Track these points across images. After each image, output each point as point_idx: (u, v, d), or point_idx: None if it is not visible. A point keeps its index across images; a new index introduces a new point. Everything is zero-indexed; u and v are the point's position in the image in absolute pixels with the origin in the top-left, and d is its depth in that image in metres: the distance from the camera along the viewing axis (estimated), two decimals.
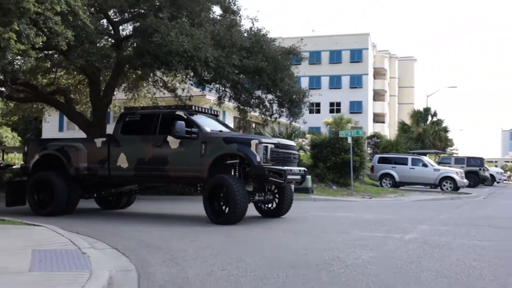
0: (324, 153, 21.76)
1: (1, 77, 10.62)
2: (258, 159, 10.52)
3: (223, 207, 10.25)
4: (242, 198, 10.05)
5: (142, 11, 16.38)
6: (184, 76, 17.62)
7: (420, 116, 44.38)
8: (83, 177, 12.15)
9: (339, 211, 13.39)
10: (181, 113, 11.58)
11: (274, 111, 18.95)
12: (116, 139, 11.96)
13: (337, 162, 21.48)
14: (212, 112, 13.15)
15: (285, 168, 10.72)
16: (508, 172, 74.36)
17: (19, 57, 8.89)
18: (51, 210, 11.44)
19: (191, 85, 21.41)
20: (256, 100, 19.49)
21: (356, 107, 56.25)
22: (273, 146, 10.97)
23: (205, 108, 13.42)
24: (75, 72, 19.57)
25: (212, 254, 6.42)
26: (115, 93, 19.38)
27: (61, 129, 30.44)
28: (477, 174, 32.26)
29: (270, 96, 18.98)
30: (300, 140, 27.82)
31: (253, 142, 10.64)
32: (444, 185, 24.56)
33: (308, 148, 24.14)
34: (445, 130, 43.93)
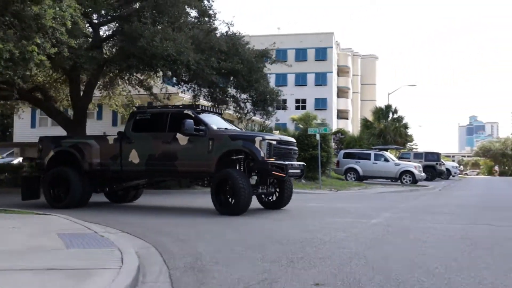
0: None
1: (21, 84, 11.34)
2: (262, 154, 11.23)
3: (229, 199, 10.97)
4: (247, 191, 10.79)
5: (124, 13, 17.22)
6: (163, 77, 18.61)
7: (382, 113, 46.30)
8: (96, 172, 12.82)
9: (311, 202, 14.74)
10: (189, 112, 12.28)
11: (249, 110, 20.20)
12: (127, 136, 12.62)
13: (306, 157, 22.81)
14: (217, 111, 13.93)
15: (287, 162, 11.54)
16: (461, 167, 78.21)
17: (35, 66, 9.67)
18: (66, 203, 12.11)
19: (166, 83, 22.28)
20: (231, 99, 20.70)
21: (321, 104, 58.13)
22: (275, 142, 11.72)
23: (211, 107, 14.22)
24: (52, 70, 20.05)
25: (212, 237, 7.60)
26: None
27: (33, 125, 30.67)
28: (434, 168, 34.38)
29: (244, 96, 20.24)
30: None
31: (257, 139, 11.40)
32: (404, 179, 26.39)
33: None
34: (405, 126, 46.09)
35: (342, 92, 66.58)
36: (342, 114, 66.62)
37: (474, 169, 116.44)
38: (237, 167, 11.71)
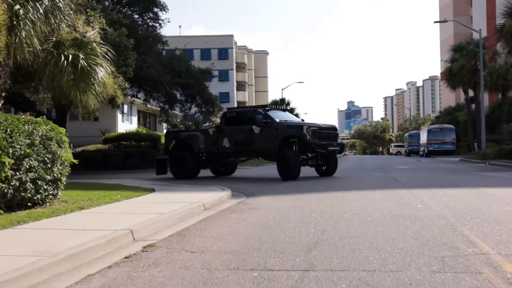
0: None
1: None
2: (308, 137, 14.99)
3: (287, 169, 15.25)
4: (296, 163, 14.88)
5: None
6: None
7: (277, 105, 55.55)
8: (202, 154, 17.30)
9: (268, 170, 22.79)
10: (260, 110, 16.39)
11: (195, 111, 27.93)
12: (221, 129, 16.93)
13: None
14: (283, 108, 17.94)
15: (325, 142, 15.39)
16: None
17: None
18: (184, 176, 16.89)
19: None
20: (178, 103, 28.19)
21: (225, 97, 66.29)
22: (317, 128, 15.38)
23: (278, 106, 18.11)
24: None
25: (265, 188, 15.27)
26: None
27: None
28: None
29: (188, 99, 27.88)
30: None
31: (304, 127, 15.24)
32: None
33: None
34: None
35: (240, 86, 75.35)
36: (240, 105, 75.41)
37: (351, 150, 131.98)
38: (293, 147, 15.54)
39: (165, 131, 41.18)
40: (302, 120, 18.93)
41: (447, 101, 73.39)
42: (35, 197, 7.94)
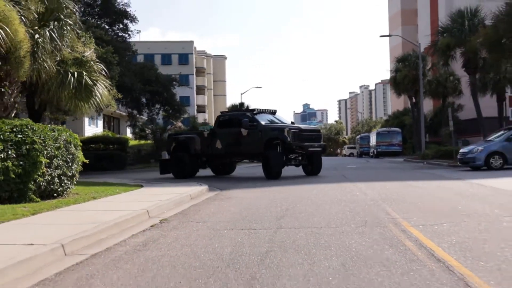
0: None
1: None
2: (289, 139, 15.78)
3: (269, 169, 16.28)
4: (276, 164, 15.89)
5: None
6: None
7: (236, 109, 57.97)
8: (198, 155, 18.09)
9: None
10: (248, 114, 17.37)
11: (160, 117, 29.97)
12: (215, 131, 17.87)
13: None
14: (271, 111, 18.67)
15: (306, 143, 16.18)
16: None
17: None
18: (183, 175, 17.93)
19: None
20: (146, 108, 30.17)
21: (185, 101, 67.92)
22: (297, 131, 16.13)
23: (266, 109, 18.79)
24: None
25: (241, 185, 17.57)
26: None
27: None
28: None
29: (157, 105, 29.89)
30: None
31: (286, 130, 16.02)
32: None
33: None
34: None
35: (200, 90, 77.33)
36: (200, 109, 77.38)
37: None
38: (277, 149, 16.34)
39: (129, 134, 42.93)
40: (292, 123, 19.71)
41: (396, 105, 77.99)
42: (59, 189, 10.03)
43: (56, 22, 11.93)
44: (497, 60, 24.56)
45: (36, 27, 11.22)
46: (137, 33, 29.59)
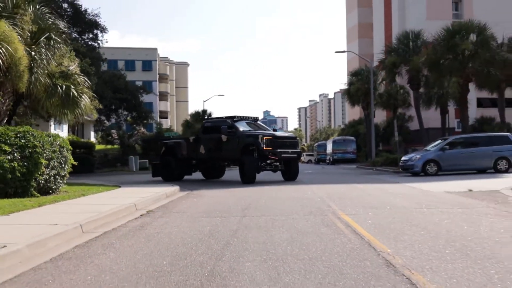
0: (152, 145, 34.74)
1: None
2: (262, 145, 16.17)
3: (244, 174, 16.95)
4: (250, 169, 16.42)
5: None
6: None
7: (199, 116, 59.56)
8: (184, 159, 18.77)
9: None
10: (228, 120, 17.86)
11: (128, 121, 31.41)
12: (199, 137, 18.66)
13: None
14: (252, 118, 19.30)
15: (280, 150, 16.52)
16: None
17: None
18: (171, 178, 18.73)
19: None
20: (114, 114, 31.55)
21: (149, 107, 68.81)
22: (271, 137, 16.51)
23: (247, 116, 19.40)
24: None
25: (213, 187, 19.30)
26: None
27: None
28: None
29: (125, 112, 31.32)
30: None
31: (259, 136, 16.46)
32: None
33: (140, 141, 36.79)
34: None
35: (162, 96, 78.50)
36: (163, 115, 78.51)
37: None
38: (254, 155, 16.88)
39: (93, 139, 43.93)
40: (275, 130, 20.17)
41: (352, 115, 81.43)
42: (53, 187, 11.65)
43: (46, 40, 13.51)
44: (437, 78, 27.44)
45: (33, 46, 12.77)
46: (106, 42, 30.97)
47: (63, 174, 11.94)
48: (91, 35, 29.14)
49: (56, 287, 4.34)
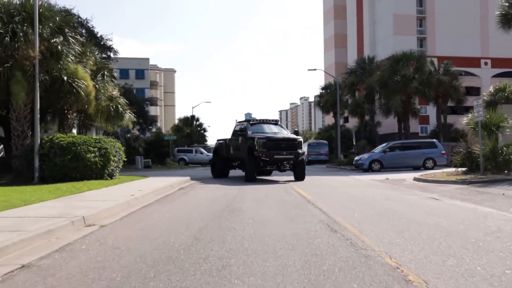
0: (153, 147, 41.01)
1: None
2: (257, 147, 17.39)
3: (245, 173, 18.59)
4: (249, 169, 17.90)
5: None
6: None
7: (188, 121, 65.69)
8: (225, 159, 20.53)
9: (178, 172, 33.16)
10: (245, 123, 19.62)
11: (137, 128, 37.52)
12: (231, 138, 20.15)
13: (159, 152, 40.91)
14: (270, 121, 20.32)
15: (272, 152, 17.59)
16: None
17: None
18: (216, 175, 20.95)
19: None
20: None
21: None
22: (265, 140, 17.66)
23: (266, 120, 20.52)
24: None
25: (216, 182, 25.65)
26: None
27: None
28: None
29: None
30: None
31: (255, 138, 17.64)
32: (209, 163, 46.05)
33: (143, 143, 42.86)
34: (204, 130, 66.54)
35: (153, 101, 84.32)
36: (153, 119, 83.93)
37: None
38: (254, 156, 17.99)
39: None
40: (296, 131, 21.25)
41: (328, 120, 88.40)
42: (114, 174, 17.94)
43: (101, 76, 19.82)
44: (387, 96, 34.27)
45: (95, 79, 19.08)
46: (116, 62, 36.48)
47: (119, 166, 18.22)
48: (104, 55, 35.01)
49: (168, 206, 10.70)
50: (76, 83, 17.28)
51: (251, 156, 18.12)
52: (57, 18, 17.66)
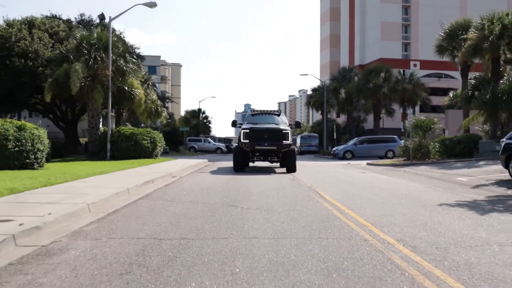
0: (170, 136, 48.96)
1: None
2: (242, 138, 18.12)
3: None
4: (236, 159, 18.52)
5: None
6: None
7: (195, 113, 73.44)
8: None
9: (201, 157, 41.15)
10: (249, 113, 21.16)
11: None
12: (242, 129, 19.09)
13: (174, 141, 48.79)
14: (273, 112, 20.80)
15: (253, 143, 17.84)
16: None
17: None
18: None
19: None
20: None
21: None
22: (248, 130, 18.00)
23: (267, 111, 20.69)
24: None
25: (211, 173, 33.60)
26: None
27: None
28: (228, 146, 63.25)
29: None
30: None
31: (241, 129, 18.58)
32: (218, 151, 53.87)
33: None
34: (209, 122, 74.34)
35: (165, 96, 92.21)
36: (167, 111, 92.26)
37: None
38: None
39: None
40: (297, 122, 22.70)
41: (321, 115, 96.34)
42: (158, 156, 25.91)
43: (147, 86, 27.70)
44: (364, 99, 42.22)
45: (144, 88, 26.97)
46: (143, 64, 44.13)
47: (161, 150, 26.19)
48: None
49: (206, 171, 18.63)
50: (133, 91, 25.15)
51: (237, 146, 18.86)
52: (120, 46, 25.48)
